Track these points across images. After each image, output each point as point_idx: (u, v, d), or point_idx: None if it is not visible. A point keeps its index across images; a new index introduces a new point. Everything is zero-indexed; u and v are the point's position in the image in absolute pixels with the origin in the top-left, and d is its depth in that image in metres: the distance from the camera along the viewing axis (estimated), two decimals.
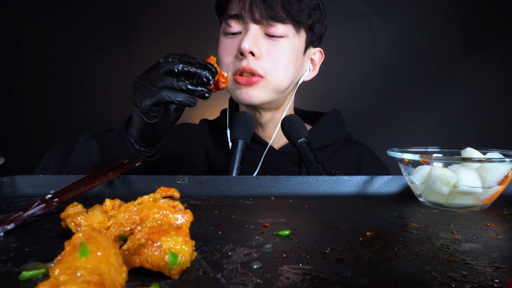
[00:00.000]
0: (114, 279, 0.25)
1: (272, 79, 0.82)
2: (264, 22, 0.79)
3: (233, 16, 0.81)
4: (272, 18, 0.79)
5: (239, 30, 0.82)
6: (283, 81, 0.83)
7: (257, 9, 0.78)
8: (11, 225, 0.40)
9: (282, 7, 0.78)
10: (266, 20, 0.79)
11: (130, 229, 0.36)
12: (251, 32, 0.79)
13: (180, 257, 0.29)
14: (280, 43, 0.81)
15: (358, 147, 0.98)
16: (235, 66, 0.81)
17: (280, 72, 0.82)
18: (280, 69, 0.82)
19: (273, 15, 0.78)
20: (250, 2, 0.78)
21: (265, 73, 0.80)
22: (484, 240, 0.39)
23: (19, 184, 0.62)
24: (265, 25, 0.80)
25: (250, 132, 0.77)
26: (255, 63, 0.80)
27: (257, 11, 0.78)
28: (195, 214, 0.41)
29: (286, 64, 0.82)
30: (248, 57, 0.79)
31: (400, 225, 0.44)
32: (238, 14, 0.80)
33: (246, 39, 0.78)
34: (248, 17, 0.79)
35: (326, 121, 0.96)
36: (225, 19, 0.83)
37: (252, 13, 0.79)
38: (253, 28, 0.80)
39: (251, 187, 0.61)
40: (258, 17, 0.79)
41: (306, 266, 0.31)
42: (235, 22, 0.81)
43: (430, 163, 0.53)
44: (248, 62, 0.79)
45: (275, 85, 0.82)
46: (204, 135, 0.97)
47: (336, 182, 0.62)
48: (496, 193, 0.52)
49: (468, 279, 0.29)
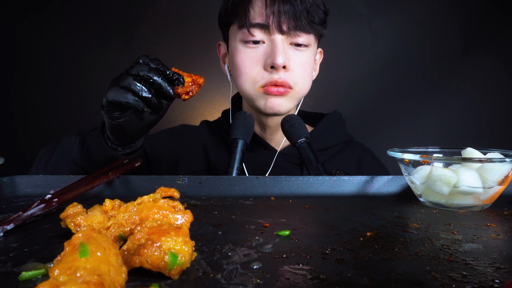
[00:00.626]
0: (114, 279, 0.25)
1: (300, 89, 0.84)
2: (291, 33, 0.79)
3: (257, 25, 0.79)
4: (299, 29, 0.79)
5: (262, 39, 0.81)
6: (307, 90, 0.87)
7: (285, 20, 0.78)
8: (10, 225, 0.40)
9: (306, 17, 0.79)
10: (293, 31, 0.79)
11: (130, 229, 0.36)
12: (280, 44, 0.79)
13: (180, 258, 0.29)
14: (305, 53, 0.83)
15: (359, 149, 0.98)
16: (264, 78, 0.81)
17: (306, 82, 0.85)
18: (307, 79, 0.85)
19: (300, 26, 0.79)
20: (278, 12, 0.77)
21: (294, 84, 0.83)
22: (484, 240, 0.39)
23: (18, 184, 0.62)
24: (291, 36, 0.80)
25: (250, 132, 0.77)
26: (287, 75, 0.81)
27: (285, 22, 0.78)
28: (195, 214, 0.41)
29: (309, 72, 0.86)
30: (280, 70, 0.80)
31: (400, 225, 0.44)
32: (265, 24, 0.79)
33: (279, 53, 0.78)
34: (276, 28, 0.78)
35: (327, 122, 0.96)
36: (247, 27, 0.80)
37: (279, 24, 0.78)
38: (279, 39, 0.79)
39: (251, 187, 0.61)
40: (286, 28, 0.79)
41: (306, 266, 0.31)
42: (259, 32, 0.80)
43: (430, 163, 0.53)
44: (280, 75, 0.80)
45: (300, 95, 0.86)
46: (203, 136, 0.97)
47: (336, 182, 0.62)
48: (497, 193, 0.52)
49: (469, 280, 0.29)
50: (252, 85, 0.83)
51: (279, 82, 0.80)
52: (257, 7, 0.79)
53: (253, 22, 0.79)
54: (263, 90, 0.82)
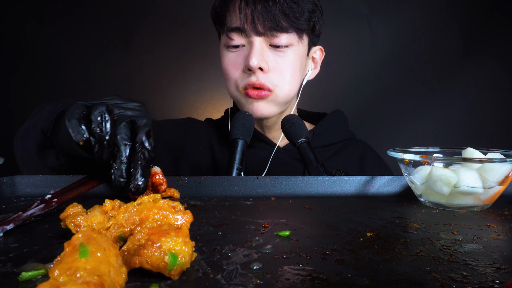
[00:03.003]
0: (114, 280, 0.25)
1: (280, 92, 0.83)
2: (268, 34, 0.78)
3: (235, 29, 0.79)
4: (275, 29, 0.78)
5: (242, 43, 0.81)
6: (290, 92, 0.85)
7: (259, 21, 0.77)
8: (10, 226, 0.40)
9: (283, 16, 0.77)
10: (269, 32, 0.78)
11: (130, 230, 0.36)
12: (256, 46, 0.78)
13: (180, 258, 0.28)
14: (286, 53, 0.81)
15: (361, 146, 0.99)
16: (244, 81, 0.81)
17: (287, 84, 0.83)
18: (287, 81, 0.83)
19: (276, 26, 0.77)
20: (252, 13, 0.76)
21: (274, 86, 0.81)
22: (484, 240, 0.39)
23: (18, 184, 0.61)
24: (269, 37, 0.79)
25: (250, 132, 0.77)
26: (264, 77, 0.80)
27: (260, 23, 0.77)
28: (195, 214, 0.41)
29: (293, 74, 0.83)
30: (256, 72, 0.79)
31: (401, 225, 0.44)
32: (240, 27, 0.79)
33: (253, 55, 0.77)
34: (251, 30, 0.78)
35: (329, 120, 0.96)
36: (226, 32, 0.81)
37: (254, 26, 0.77)
38: (257, 41, 0.79)
39: (251, 188, 0.61)
40: (261, 29, 0.78)
41: (306, 267, 0.31)
42: (237, 35, 0.80)
43: (430, 163, 0.53)
44: (257, 77, 0.80)
45: (283, 98, 0.84)
46: (210, 132, 0.98)
47: (337, 182, 0.62)
48: (497, 194, 0.52)
49: (469, 280, 0.29)
50: (236, 88, 0.84)
51: (256, 84, 0.80)
52: (234, 13, 0.80)
53: (230, 27, 0.80)
54: (244, 93, 0.82)
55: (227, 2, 0.81)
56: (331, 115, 0.98)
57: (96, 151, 0.45)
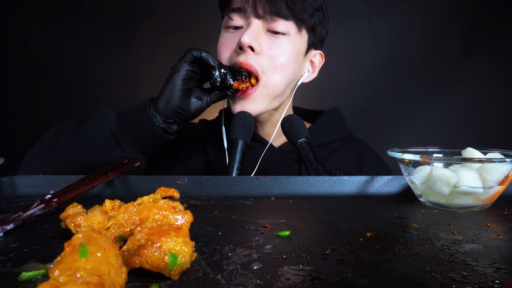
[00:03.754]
0: (114, 280, 0.25)
1: (268, 80, 0.80)
2: (267, 18, 0.78)
3: (236, 9, 0.80)
4: (275, 14, 0.78)
5: (241, 25, 0.81)
6: (279, 84, 0.81)
7: (260, 3, 0.78)
8: (10, 225, 0.40)
9: (285, 4, 0.78)
10: (269, 15, 0.78)
11: (130, 230, 0.36)
12: (253, 26, 0.78)
13: (180, 258, 0.28)
14: (282, 40, 0.80)
15: (358, 144, 0.99)
16: (232, 60, 0.80)
17: (278, 73, 0.80)
18: (277, 69, 0.80)
19: (276, 11, 0.78)
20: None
21: (262, 71, 0.79)
22: (484, 240, 0.39)
23: (18, 184, 0.61)
24: (268, 21, 0.79)
25: (250, 132, 0.76)
26: (254, 58, 0.78)
27: (260, 6, 0.78)
28: (195, 214, 0.41)
29: (285, 64, 0.80)
30: (247, 51, 0.78)
31: (401, 225, 0.44)
32: (241, 8, 0.79)
33: (246, 33, 0.77)
34: (251, 12, 0.78)
35: (326, 118, 0.96)
36: (227, 12, 0.82)
37: (255, 8, 0.78)
38: (255, 23, 0.79)
39: (251, 188, 0.61)
40: (261, 12, 0.78)
41: (306, 267, 0.31)
42: (237, 16, 0.81)
43: (430, 163, 0.53)
44: (246, 57, 0.78)
45: (271, 89, 0.81)
46: (202, 134, 0.97)
47: (336, 182, 0.62)
48: (497, 193, 0.52)
49: (469, 280, 0.29)
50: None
51: (244, 64, 0.77)
52: None
53: (232, 7, 0.81)
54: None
55: None
56: (328, 113, 0.97)
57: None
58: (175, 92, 0.70)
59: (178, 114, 0.71)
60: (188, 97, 0.71)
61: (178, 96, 0.70)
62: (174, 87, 0.70)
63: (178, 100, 0.70)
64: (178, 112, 0.71)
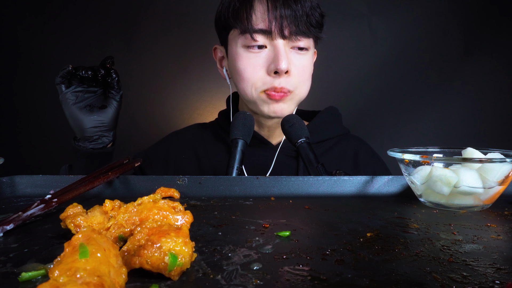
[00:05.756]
0: (114, 280, 0.25)
1: (299, 92, 0.86)
2: (292, 38, 0.81)
3: (259, 30, 0.80)
4: (300, 34, 0.80)
5: (264, 44, 0.82)
6: (306, 93, 0.89)
7: (286, 25, 0.79)
8: (10, 226, 0.40)
9: (307, 21, 0.80)
10: (294, 36, 0.80)
11: (130, 230, 0.36)
12: (282, 49, 0.80)
13: (180, 258, 0.28)
14: (305, 56, 0.84)
15: (355, 142, 0.99)
16: (266, 83, 0.82)
17: (305, 86, 0.87)
18: (306, 82, 0.87)
19: (301, 31, 0.80)
20: (281, 17, 0.78)
21: (294, 88, 0.84)
22: (485, 241, 0.39)
23: (18, 184, 0.61)
24: (292, 40, 0.81)
25: (250, 132, 0.77)
26: (287, 81, 0.82)
27: (287, 27, 0.79)
28: (195, 214, 0.41)
29: (309, 76, 0.87)
30: (282, 76, 0.81)
31: (401, 225, 0.44)
32: (267, 30, 0.79)
33: (282, 59, 0.79)
34: (278, 33, 0.79)
35: (322, 116, 0.97)
36: (249, 32, 0.80)
37: (282, 29, 0.79)
38: (281, 44, 0.80)
39: (251, 188, 0.61)
40: (287, 33, 0.80)
41: (306, 267, 0.31)
42: (261, 37, 0.81)
43: (430, 163, 0.53)
44: (280, 81, 0.82)
45: (300, 98, 0.88)
46: (192, 138, 0.99)
47: (336, 183, 0.62)
48: (497, 193, 0.52)
49: (469, 280, 0.29)
50: (255, 90, 0.84)
51: (278, 89, 0.82)
52: (259, 13, 0.80)
53: (255, 28, 0.80)
54: (265, 95, 0.83)
55: (251, 1, 0.81)
56: (325, 112, 0.99)
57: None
58: (75, 118, 0.77)
59: (93, 129, 0.78)
60: (90, 110, 0.78)
61: (80, 119, 0.77)
62: (70, 115, 0.78)
63: (82, 122, 0.77)
64: (92, 128, 0.78)
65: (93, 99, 0.79)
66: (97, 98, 0.79)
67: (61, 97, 0.77)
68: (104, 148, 0.80)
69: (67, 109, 0.77)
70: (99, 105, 0.79)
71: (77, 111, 0.77)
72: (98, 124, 0.78)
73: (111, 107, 0.79)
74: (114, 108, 0.79)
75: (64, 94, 0.77)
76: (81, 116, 0.77)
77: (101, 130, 0.78)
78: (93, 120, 0.77)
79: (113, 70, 0.78)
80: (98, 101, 0.79)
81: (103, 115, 0.78)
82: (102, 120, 0.78)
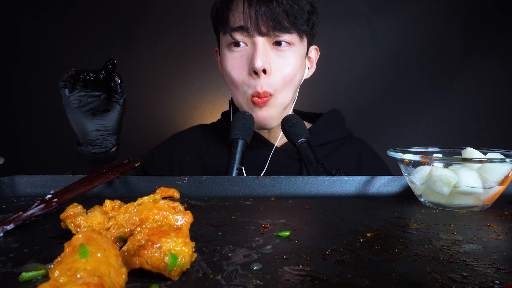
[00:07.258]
0: (114, 280, 0.25)
1: (280, 95, 0.83)
2: (270, 34, 0.79)
3: (238, 28, 0.80)
4: (278, 30, 0.79)
5: (244, 42, 0.81)
6: (288, 97, 0.85)
7: (263, 21, 0.78)
8: (10, 226, 0.40)
9: (286, 16, 0.78)
10: (272, 32, 0.79)
11: (130, 230, 0.36)
12: (260, 47, 0.79)
13: (180, 259, 0.28)
14: (287, 52, 0.82)
15: (358, 144, 0.99)
16: (250, 86, 0.82)
17: (287, 86, 0.84)
18: (287, 83, 0.83)
19: (279, 27, 0.78)
20: (255, 14, 0.77)
21: (274, 90, 0.82)
22: (484, 241, 0.39)
23: (18, 184, 0.62)
24: (272, 37, 0.80)
25: (250, 132, 0.77)
26: (267, 82, 0.81)
27: (263, 23, 0.78)
28: (195, 214, 0.41)
29: (292, 75, 0.83)
30: (261, 76, 0.80)
31: (401, 225, 0.44)
32: (243, 26, 0.79)
33: (258, 56, 0.78)
34: (254, 30, 0.79)
35: (326, 119, 0.97)
36: (229, 31, 0.81)
37: (258, 26, 0.78)
38: (260, 42, 0.79)
39: (251, 188, 0.61)
40: (265, 30, 0.79)
41: (306, 267, 0.31)
42: (240, 35, 0.80)
43: (430, 163, 0.53)
44: (261, 82, 0.80)
45: (283, 103, 0.85)
46: (195, 140, 0.99)
47: (337, 183, 0.62)
48: (497, 193, 0.52)
49: (469, 281, 0.29)
50: (243, 94, 0.84)
51: (261, 94, 0.81)
52: (236, 12, 0.80)
53: (233, 26, 0.80)
54: (251, 102, 0.83)
55: (229, 2, 0.81)
56: (328, 114, 0.98)
57: None
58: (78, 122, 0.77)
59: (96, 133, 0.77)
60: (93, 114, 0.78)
61: (82, 123, 0.77)
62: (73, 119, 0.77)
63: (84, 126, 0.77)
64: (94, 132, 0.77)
65: (97, 103, 0.78)
66: (101, 102, 0.79)
67: (65, 101, 0.77)
68: (107, 153, 0.79)
69: (70, 113, 0.77)
70: (102, 109, 0.79)
71: (80, 114, 0.76)
72: (101, 128, 0.77)
73: (114, 111, 0.78)
74: (117, 112, 0.78)
75: (67, 98, 0.76)
76: (83, 119, 0.76)
77: (104, 133, 0.78)
78: (95, 124, 0.77)
79: (115, 73, 0.77)
80: (101, 105, 0.79)
81: (106, 118, 0.78)
82: (105, 124, 0.77)
